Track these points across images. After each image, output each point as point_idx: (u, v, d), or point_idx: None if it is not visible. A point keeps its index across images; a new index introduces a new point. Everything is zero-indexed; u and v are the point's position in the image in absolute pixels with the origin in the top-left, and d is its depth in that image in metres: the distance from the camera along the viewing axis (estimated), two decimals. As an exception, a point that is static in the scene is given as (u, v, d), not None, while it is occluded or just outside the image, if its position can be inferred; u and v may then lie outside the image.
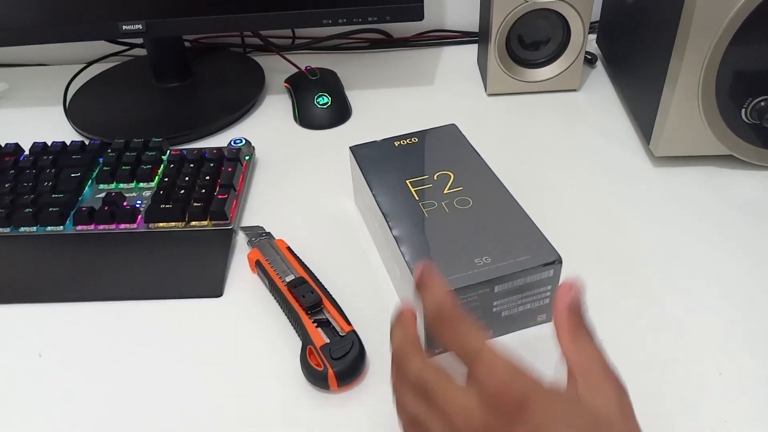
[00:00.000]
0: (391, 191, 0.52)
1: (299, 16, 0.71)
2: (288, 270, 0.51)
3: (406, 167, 0.54)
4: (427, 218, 0.49)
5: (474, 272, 0.44)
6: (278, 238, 0.55)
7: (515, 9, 0.70)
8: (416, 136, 0.58)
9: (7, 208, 0.59)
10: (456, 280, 0.43)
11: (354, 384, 0.45)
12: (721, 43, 0.54)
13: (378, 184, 0.53)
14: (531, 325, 0.48)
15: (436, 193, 0.51)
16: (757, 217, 0.57)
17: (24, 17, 0.70)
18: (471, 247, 0.46)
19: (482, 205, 0.50)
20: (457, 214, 0.49)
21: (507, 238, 0.47)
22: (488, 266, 0.44)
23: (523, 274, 0.44)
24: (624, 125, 0.70)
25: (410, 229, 0.48)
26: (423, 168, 0.54)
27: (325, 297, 0.48)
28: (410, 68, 0.84)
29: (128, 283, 0.54)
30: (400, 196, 0.51)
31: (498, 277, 0.44)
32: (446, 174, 0.53)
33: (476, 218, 0.49)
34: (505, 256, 0.45)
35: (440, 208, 0.50)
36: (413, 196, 0.51)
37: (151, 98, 0.79)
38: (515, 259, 0.45)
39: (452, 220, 0.49)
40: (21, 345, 0.50)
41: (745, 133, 0.59)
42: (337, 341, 0.45)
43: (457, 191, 0.51)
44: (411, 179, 0.53)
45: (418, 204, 0.50)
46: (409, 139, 0.58)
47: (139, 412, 0.44)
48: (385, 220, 0.49)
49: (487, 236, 0.47)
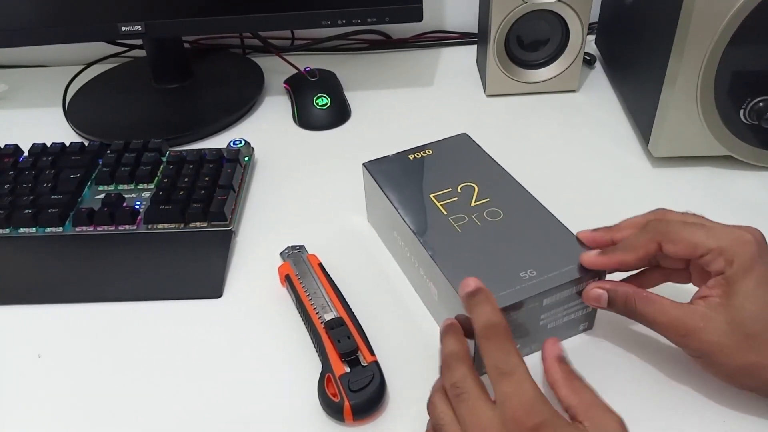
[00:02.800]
0: (416, 207, 0.50)
1: (298, 18, 0.71)
2: (320, 294, 0.49)
3: (426, 181, 0.52)
4: (460, 233, 0.47)
5: (522, 287, 0.42)
6: (311, 253, 0.54)
7: (514, 10, 0.70)
8: (430, 148, 0.56)
9: (7, 209, 0.59)
10: (506, 297, 0.42)
11: (371, 419, 0.43)
12: (720, 44, 0.54)
13: (401, 200, 0.51)
14: (573, 334, 0.47)
15: (464, 206, 0.50)
16: (756, 217, 0.57)
17: (23, 18, 0.70)
18: (513, 260, 0.44)
19: (513, 215, 0.48)
20: (489, 226, 0.47)
21: (547, 249, 0.45)
22: (535, 279, 0.43)
23: (570, 285, 0.43)
24: (623, 126, 0.70)
25: (445, 246, 0.46)
26: (444, 181, 0.52)
27: (351, 323, 0.47)
28: (409, 69, 0.84)
29: (128, 284, 0.54)
30: (426, 211, 0.49)
31: (548, 289, 0.42)
32: (470, 185, 0.51)
33: (510, 230, 0.47)
34: (549, 267, 0.44)
35: (471, 222, 0.48)
36: (441, 211, 0.49)
37: (150, 99, 0.79)
38: (560, 270, 0.43)
39: (486, 233, 0.47)
40: (20, 346, 0.50)
41: (744, 133, 0.59)
42: (357, 371, 0.43)
43: (485, 203, 0.50)
44: (435, 193, 0.51)
45: (448, 219, 0.48)
46: (422, 152, 0.56)
47: (137, 413, 0.44)
48: (417, 238, 0.47)
49: (526, 248, 0.45)
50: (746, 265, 0.39)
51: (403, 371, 0.46)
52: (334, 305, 0.48)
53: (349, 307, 0.48)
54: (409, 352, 0.47)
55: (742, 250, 0.39)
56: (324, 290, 0.49)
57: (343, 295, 0.49)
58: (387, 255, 0.56)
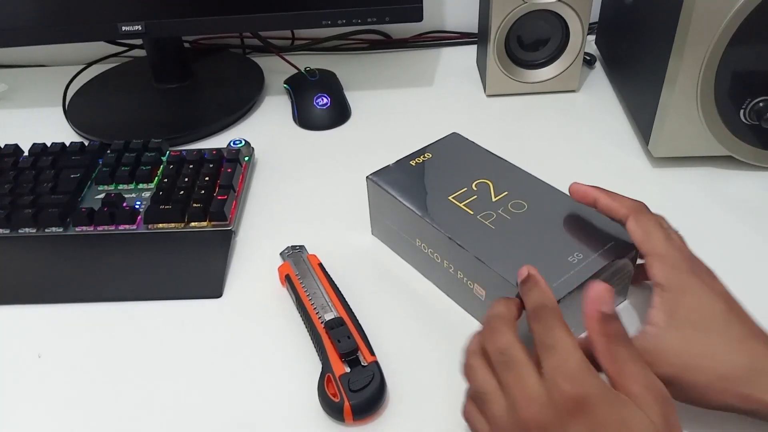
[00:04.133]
0: (440, 211, 0.49)
1: (298, 17, 0.71)
2: (320, 294, 0.49)
3: (439, 184, 0.52)
4: (494, 230, 0.47)
5: (576, 271, 0.43)
6: (311, 253, 0.54)
7: (514, 10, 0.70)
8: (428, 152, 0.56)
9: (7, 209, 0.59)
10: (566, 283, 0.42)
11: (371, 419, 0.43)
12: (720, 44, 0.54)
13: (422, 207, 0.50)
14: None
15: (486, 203, 0.50)
16: (755, 217, 0.57)
17: (23, 18, 0.70)
18: (555, 247, 0.45)
19: (537, 204, 0.49)
20: (519, 218, 0.48)
21: (582, 230, 0.46)
22: (585, 261, 0.44)
23: (616, 261, 0.44)
24: (623, 126, 0.70)
25: (486, 245, 0.46)
26: (457, 181, 0.52)
27: (351, 323, 0.47)
28: (409, 69, 0.84)
29: (128, 284, 0.54)
30: (452, 214, 0.49)
31: (601, 268, 0.44)
32: (484, 182, 0.52)
33: (540, 218, 0.48)
34: (592, 248, 0.45)
35: (500, 217, 0.48)
36: (467, 211, 0.49)
37: (150, 99, 0.79)
38: (603, 248, 0.45)
39: (519, 225, 0.47)
40: (20, 346, 0.50)
41: (744, 133, 0.59)
42: (357, 371, 0.43)
43: (505, 196, 0.50)
44: (452, 195, 0.51)
45: (476, 218, 0.48)
46: (422, 156, 0.55)
47: (137, 413, 0.44)
48: (454, 242, 0.47)
49: (562, 233, 0.46)
50: (681, 285, 0.40)
51: (403, 371, 0.46)
52: (334, 305, 0.48)
53: (349, 307, 0.48)
54: (409, 352, 0.47)
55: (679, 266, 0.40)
56: (324, 290, 0.49)
57: (343, 295, 0.49)
58: (387, 255, 0.56)
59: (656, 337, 0.39)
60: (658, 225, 0.43)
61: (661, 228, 0.43)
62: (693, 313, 0.39)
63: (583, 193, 0.47)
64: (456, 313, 0.50)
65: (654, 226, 0.43)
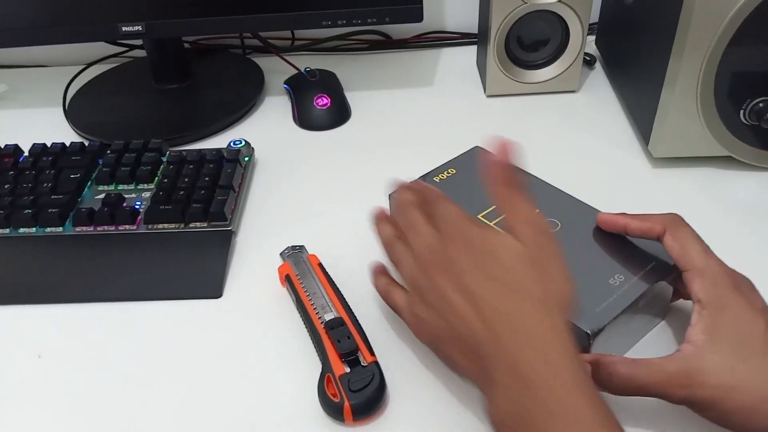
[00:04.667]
0: None
1: (298, 18, 0.71)
2: (320, 294, 0.49)
3: (466, 202, 0.49)
4: None
5: (620, 294, 0.42)
6: (311, 254, 0.54)
7: (514, 10, 0.70)
8: (451, 167, 0.55)
9: (7, 209, 0.59)
10: (610, 308, 0.41)
11: (371, 419, 0.43)
12: (720, 45, 0.54)
13: None
14: (651, 329, 0.47)
15: None
16: (755, 218, 0.57)
17: (24, 19, 0.70)
18: (595, 269, 0.44)
19: (571, 223, 0.47)
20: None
21: (620, 251, 0.44)
22: (627, 284, 0.42)
23: (659, 283, 0.43)
24: (623, 126, 0.70)
25: None
26: (484, 199, 0.49)
27: (351, 323, 0.47)
28: (409, 69, 0.84)
29: (128, 284, 0.54)
30: None
31: (643, 292, 0.42)
32: None
33: (575, 238, 0.46)
34: (632, 269, 0.43)
35: None
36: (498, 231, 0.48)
37: (150, 99, 0.79)
38: (644, 269, 0.43)
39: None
40: (20, 346, 0.50)
41: (744, 134, 0.59)
42: (357, 371, 0.43)
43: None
44: (482, 213, 0.49)
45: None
46: (445, 172, 0.54)
47: (137, 413, 0.44)
48: None
49: (600, 254, 0.45)
50: (721, 302, 0.39)
51: (403, 371, 0.46)
52: (334, 305, 0.48)
53: (349, 307, 0.48)
54: (409, 352, 0.47)
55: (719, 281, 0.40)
56: (324, 290, 0.49)
57: (343, 295, 0.49)
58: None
59: (694, 357, 0.38)
60: (695, 238, 0.42)
61: (698, 241, 0.42)
62: (733, 332, 0.38)
63: (613, 223, 0.46)
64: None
65: (691, 239, 0.42)
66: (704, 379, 0.37)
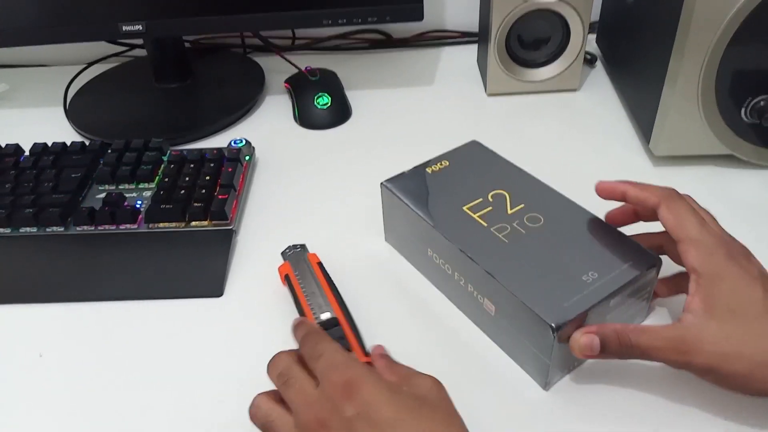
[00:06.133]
0: (453, 222, 0.48)
1: (299, 17, 0.71)
2: (318, 294, 0.48)
3: (454, 193, 0.50)
4: (508, 244, 0.45)
5: (591, 290, 0.42)
6: (311, 252, 0.53)
7: (515, 9, 0.70)
8: (445, 159, 0.54)
9: (8, 209, 0.59)
10: (576, 304, 0.41)
11: None
12: (721, 43, 0.54)
13: (435, 217, 0.48)
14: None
15: (501, 215, 0.48)
16: (757, 216, 0.57)
17: (24, 18, 0.70)
18: (570, 265, 0.43)
19: (554, 218, 0.47)
20: (534, 233, 0.46)
21: (599, 248, 0.44)
22: (600, 281, 0.42)
23: (633, 282, 0.42)
24: (624, 125, 0.70)
25: (499, 260, 0.44)
26: (472, 191, 0.50)
27: (346, 323, 0.46)
28: (410, 68, 0.84)
29: (128, 283, 0.54)
30: (465, 225, 0.47)
31: (615, 290, 0.42)
32: (500, 193, 0.50)
33: (556, 234, 0.46)
34: (608, 267, 0.43)
35: (515, 231, 0.46)
36: (480, 223, 0.47)
37: (151, 99, 0.79)
38: (620, 268, 0.43)
39: (533, 240, 0.45)
40: (21, 345, 0.50)
41: (745, 132, 0.59)
42: None
43: (521, 209, 0.48)
44: (467, 205, 0.49)
45: (490, 230, 0.47)
46: (439, 164, 0.54)
47: (138, 412, 0.44)
48: (466, 255, 0.45)
49: (578, 250, 0.44)
50: (717, 271, 0.39)
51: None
52: (330, 305, 0.48)
53: (346, 307, 0.48)
54: (408, 353, 0.47)
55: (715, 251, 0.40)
56: (322, 290, 0.49)
57: (341, 295, 0.49)
58: (388, 254, 0.56)
59: (693, 326, 0.38)
60: (690, 209, 0.42)
61: (694, 212, 0.42)
62: (730, 300, 0.38)
63: (611, 189, 0.46)
64: (459, 320, 0.49)
65: (686, 211, 0.42)
66: (702, 346, 0.38)
